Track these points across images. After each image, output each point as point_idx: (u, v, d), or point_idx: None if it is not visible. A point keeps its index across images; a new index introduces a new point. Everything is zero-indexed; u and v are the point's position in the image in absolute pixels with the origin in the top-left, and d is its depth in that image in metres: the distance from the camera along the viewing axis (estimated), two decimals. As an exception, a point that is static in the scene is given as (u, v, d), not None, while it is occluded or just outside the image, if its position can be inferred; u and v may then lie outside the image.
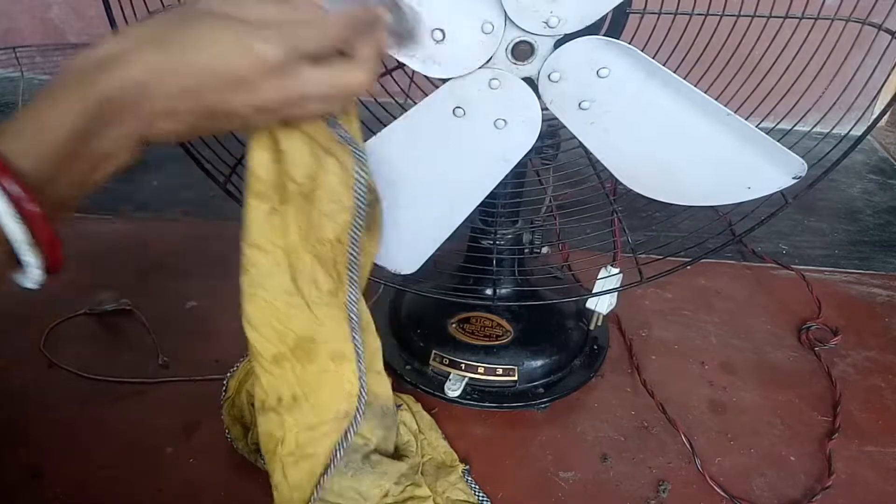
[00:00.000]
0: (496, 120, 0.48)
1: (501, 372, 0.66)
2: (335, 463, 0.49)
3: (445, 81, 0.47)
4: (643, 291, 0.83)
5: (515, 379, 0.67)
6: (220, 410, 0.61)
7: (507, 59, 0.46)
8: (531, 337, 0.69)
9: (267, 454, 0.50)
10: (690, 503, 0.59)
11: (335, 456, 0.49)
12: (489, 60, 0.45)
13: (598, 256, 0.64)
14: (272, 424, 0.49)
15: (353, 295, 0.47)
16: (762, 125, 0.49)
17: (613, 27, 0.49)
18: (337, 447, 0.49)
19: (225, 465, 0.59)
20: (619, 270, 0.65)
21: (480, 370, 0.66)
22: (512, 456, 0.62)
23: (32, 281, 0.32)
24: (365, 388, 0.50)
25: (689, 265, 0.62)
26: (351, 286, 0.47)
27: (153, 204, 0.98)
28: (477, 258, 0.64)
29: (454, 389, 0.65)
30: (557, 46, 0.45)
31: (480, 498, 0.58)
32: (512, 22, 0.43)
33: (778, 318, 0.82)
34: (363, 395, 0.49)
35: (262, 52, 0.33)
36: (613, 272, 0.65)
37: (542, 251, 0.66)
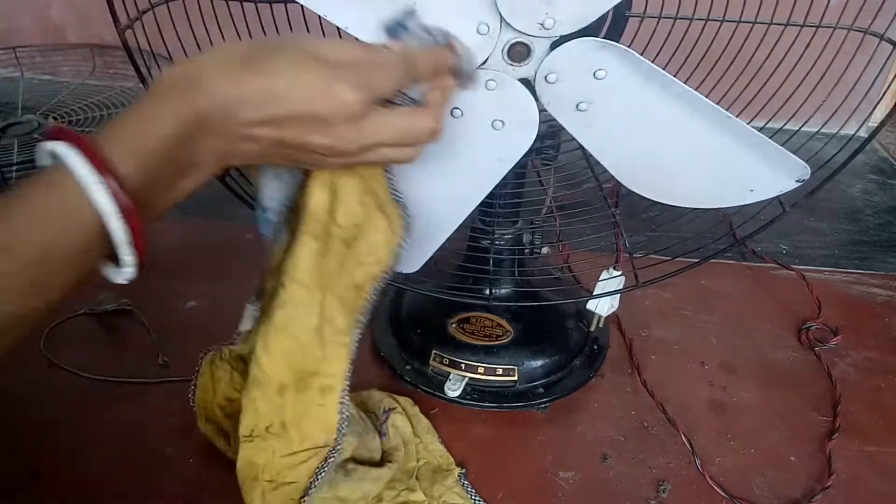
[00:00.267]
0: (494, 121, 0.48)
1: (501, 372, 0.67)
2: (315, 484, 0.49)
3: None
4: (643, 291, 0.83)
5: (515, 379, 0.67)
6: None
7: (503, 60, 0.46)
8: (531, 337, 0.69)
9: (245, 482, 0.49)
10: (690, 503, 0.59)
11: (315, 479, 0.49)
12: (485, 61, 0.45)
13: (598, 258, 0.64)
14: (255, 451, 0.48)
15: (356, 334, 0.48)
16: (763, 128, 0.49)
17: (613, 30, 0.49)
18: (317, 472, 0.49)
19: (225, 465, 0.59)
20: (620, 273, 0.65)
21: (480, 370, 0.66)
22: (512, 456, 0.63)
23: (124, 277, 0.34)
24: (346, 416, 0.49)
25: (690, 269, 0.61)
26: (357, 326, 0.48)
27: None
28: (476, 258, 0.64)
29: (454, 389, 0.65)
30: (554, 48, 0.45)
31: (476, 501, 0.58)
32: (507, 23, 0.43)
33: (778, 318, 0.82)
34: (342, 427, 0.49)
35: (341, 93, 0.34)
36: (615, 274, 0.65)
37: (542, 252, 0.67)
